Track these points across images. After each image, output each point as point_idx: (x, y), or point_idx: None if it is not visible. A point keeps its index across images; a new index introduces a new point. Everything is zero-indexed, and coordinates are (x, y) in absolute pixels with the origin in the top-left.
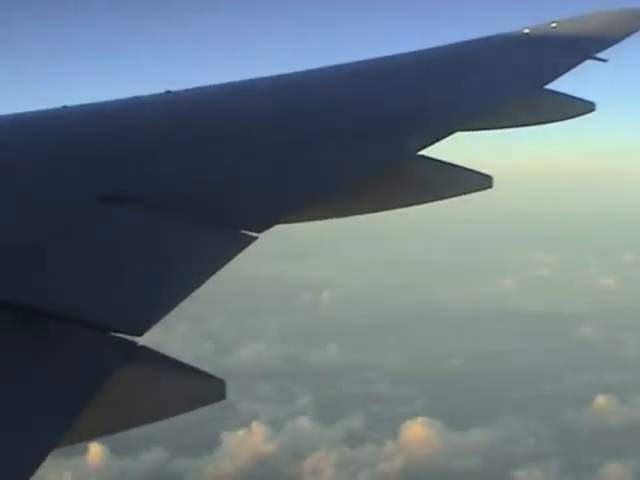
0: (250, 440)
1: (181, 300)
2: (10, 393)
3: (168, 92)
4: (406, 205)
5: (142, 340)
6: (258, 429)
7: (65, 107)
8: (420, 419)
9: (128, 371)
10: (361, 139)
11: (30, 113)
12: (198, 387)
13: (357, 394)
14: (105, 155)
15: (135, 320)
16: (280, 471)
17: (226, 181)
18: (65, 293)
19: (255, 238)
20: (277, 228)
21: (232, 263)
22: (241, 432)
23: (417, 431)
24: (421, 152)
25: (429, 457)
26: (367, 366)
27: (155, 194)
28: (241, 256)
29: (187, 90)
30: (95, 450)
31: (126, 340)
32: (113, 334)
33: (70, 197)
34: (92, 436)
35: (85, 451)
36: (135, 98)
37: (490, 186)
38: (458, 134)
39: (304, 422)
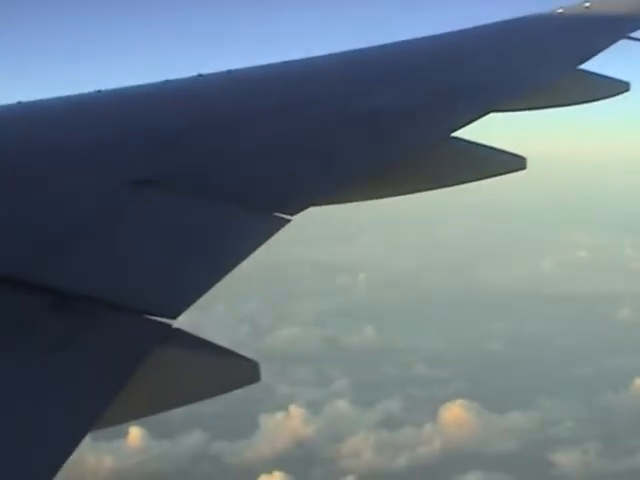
0: (288, 423)
1: (215, 283)
2: (47, 376)
3: (200, 75)
4: (440, 187)
5: (178, 323)
6: (296, 412)
7: (99, 92)
8: (458, 402)
9: (163, 354)
10: (395, 121)
11: (62, 98)
12: (233, 369)
13: (394, 376)
14: (138, 140)
15: (170, 303)
16: (318, 454)
17: (259, 164)
18: (100, 277)
19: (289, 221)
20: (311, 211)
21: (266, 246)
22: (279, 415)
23: (455, 414)
24: (455, 133)
25: (467, 440)
26: (404, 348)
27: (188, 178)
28: (276, 239)
29: (218, 73)
30: (135, 433)
31: (161, 323)
32: (148, 317)
33: (104, 182)
34: (127, 419)
35: (125, 434)
36: (167, 82)
37: (524, 167)
38: (492, 115)
39: (342, 405)
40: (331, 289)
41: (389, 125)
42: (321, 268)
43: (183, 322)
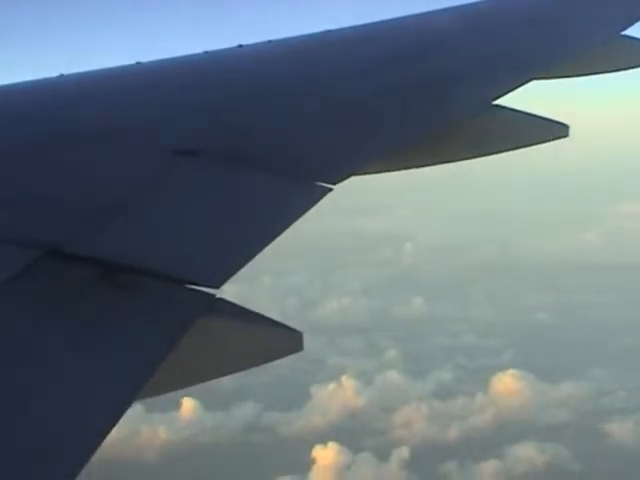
0: (340, 394)
1: (258, 252)
2: (92, 346)
3: (240, 46)
4: (482, 155)
5: (227, 295)
6: (348, 383)
7: (139, 63)
8: (510, 372)
9: (207, 323)
10: (437, 89)
11: (104, 70)
12: (276, 338)
13: (444, 347)
14: (181, 110)
15: (213, 273)
16: (370, 425)
17: (301, 134)
18: (144, 246)
19: (330, 190)
20: (355, 181)
21: (310, 216)
22: (331, 386)
23: (507, 384)
24: (497, 101)
25: (520, 410)
26: (453, 318)
27: (231, 148)
28: (319, 209)
29: (258, 44)
30: (188, 405)
31: (205, 293)
32: (192, 287)
33: (147, 152)
34: (172, 388)
35: (178, 406)
36: (207, 53)
37: (566, 135)
38: (534, 82)
39: (393, 375)
40: (377, 259)
41: (430, 93)
42: (366, 238)
43: (231, 294)
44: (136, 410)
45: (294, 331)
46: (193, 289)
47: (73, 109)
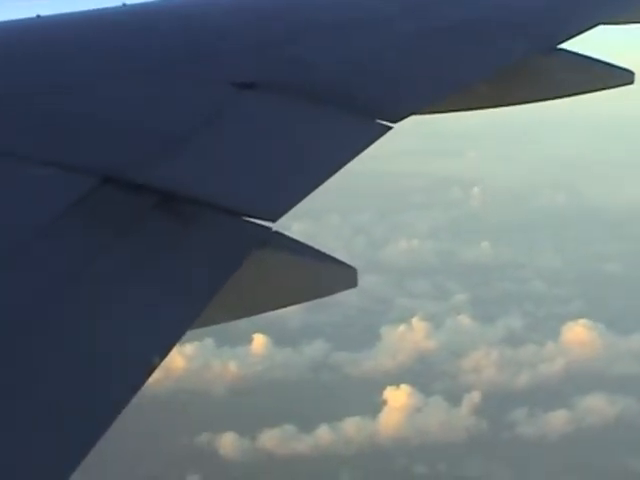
0: (409, 336)
1: (316, 187)
2: (149, 274)
3: None
4: (546, 98)
5: (293, 231)
6: (418, 325)
7: None
8: (581, 321)
9: (262, 256)
10: (502, 30)
11: (159, 3)
12: (330, 273)
13: (512, 293)
14: (241, 43)
15: (270, 206)
16: (440, 368)
17: (362, 69)
18: (202, 177)
19: (390, 128)
20: (422, 122)
21: (378, 156)
22: (401, 328)
23: (578, 333)
24: (562, 45)
25: (590, 360)
26: (521, 264)
27: (291, 81)
28: (384, 149)
29: None
30: (259, 340)
31: (261, 225)
32: (249, 219)
33: (207, 84)
34: (225, 319)
35: (249, 341)
36: None
37: (632, 82)
38: (601, 27)
39: (463, 320)
40: (444, 202)
41: (495, 35)
42: (433, 180)
43: (297, 231)
44: (206, 344)
45: (349, 267)
46: (250, 221)
47: (132, 41)
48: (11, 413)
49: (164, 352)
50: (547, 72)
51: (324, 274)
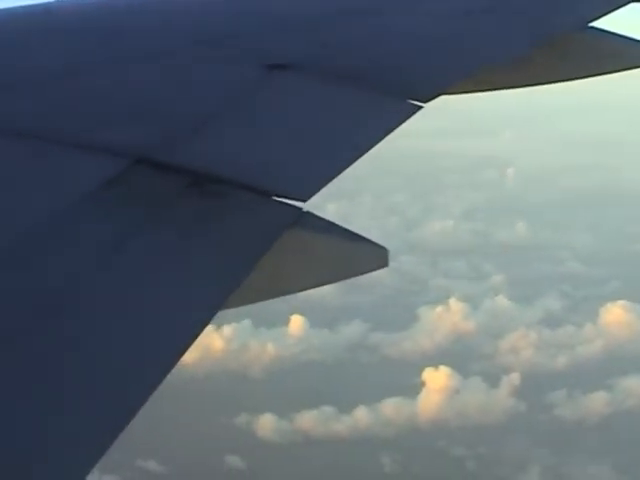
0: (447, 317)
1: (347, 167)
2: (181, 255)
3: None
4: (577, 77)
5: (327, 212)
6: (455, 306)
7: None
8: (620, 302)
9: (293, 236)
10: (533, 9)
11: None
12: (361, 254)
13: (549, 274)
14: (273, 25)
15: (301, 186)
16: (477, 350)
17: (392, 50)
18: (233, 158)
19: (420, 107)
20: (455, 102)
21: (411, 136)
22: (437, 308)
23: (617, 315)
24: (593, 23)
25: (629, 342)
26: (557, 245)
27: (322, 63)
28: (415, 129)
29: None
30: (296, 322)
31: (292, 206)
32: (279, 199)
33: (240, 64)
34: (257, 299)
35: (286, 322)
36: None
37: None
38: (633, 5)
39: (500, 301)
40: (478, 183)
41: (526, 13)
42: (467, 161)
43: (331, 211)
44: (244, 325)
45: (380, 247)
46: (281, 201)
47: (165, 22)
48: (48, 388)
49: (196, 332)
50: (579, 51)
51: (355, 254)
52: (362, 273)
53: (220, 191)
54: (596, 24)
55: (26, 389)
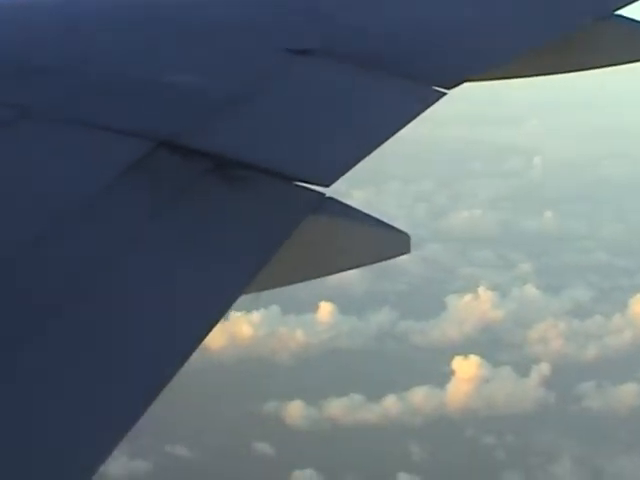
0: (475, 305)
1: (369, 152)
2: (202, 240)
3: None
4: (602, 66)
5: (354, 199)
6: (484, 295)
7: None
8: None
9: (315, 221)
10: None
11: None
12: (383, 239)
13: (576, 263)
14: (296, 10)
15: (324, 171)
16: (506, 339)
17: (416, 35)
18: (255, 143)
19: (444, 94)
20: (478, 90)
21: (436, 123)
22: (465, 297)
23: None
24: (619, 11)
25: None
26: (584, 235)
27: (344, 48)
28: (439, 116)
29: None
30: (325, 308)
31: (314, 191)
32: (302, 184)
33: (261, 49)
34: (278, 284)
35: (315, 309)
36: None
37: None
38: None
39: (529, 290)
40: (505, 171)
41: (549, 1)
42: (493, 149)
43: (358, 199)
44: (272, 311)
45: (401, 233)
46: (303, 187)
47: (188, 7)
48: (77, 357)
49: (218, 316)
50: (604, 39)
51: (377, 240)
52: (384, 259)
53: (243, 175)
54: (622, 12)
55: (53, 359)
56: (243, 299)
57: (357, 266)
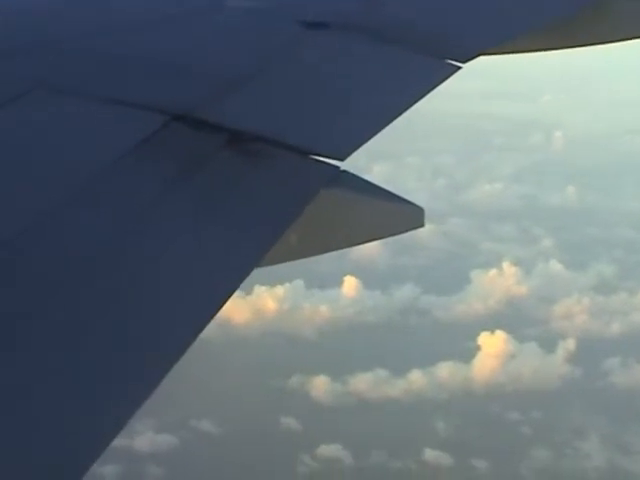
0: (499, 280)
1: (385, 126)
2: (217, 213)
3: None
4: (616, 40)
5: (373, 173)
6: (508, 270)
7: None
8: None
9: (330, 194)
10: None
11: None
12: (397, 213)
13: (600, 238)
14: None
15: (339, 144)
16: (531, 314)
17: (431, 9)
18: (270, 117)
19: (459, 68)
20: (493, 65)
21: (453, 97)
22: (490, 272)
23: None
24: None
25: None
26: (607, 210)
27: (359, 21)
28: (459, 92)
29: None
30: (350, 283)
31: (329, 164)
32: (317, 158)
33: (277, 23)
34: (293, 257)
35: (339, 284)
36: None
37: None
38: None
39: (553, 265)
40: (526, 146)
41: None
42: (511, 123)
43: (378, 173)
44: (296, 286)
45: (415, 206)
46: (318, 160)
47: None
48: (91, 336)
49: (233, 288)
50: (619, 13)
51: (391, 213)
52: (398, 232)
53: (258, 149)
54: None
55: (74, 328)
56: (267, 274)
57: (372, 239)
